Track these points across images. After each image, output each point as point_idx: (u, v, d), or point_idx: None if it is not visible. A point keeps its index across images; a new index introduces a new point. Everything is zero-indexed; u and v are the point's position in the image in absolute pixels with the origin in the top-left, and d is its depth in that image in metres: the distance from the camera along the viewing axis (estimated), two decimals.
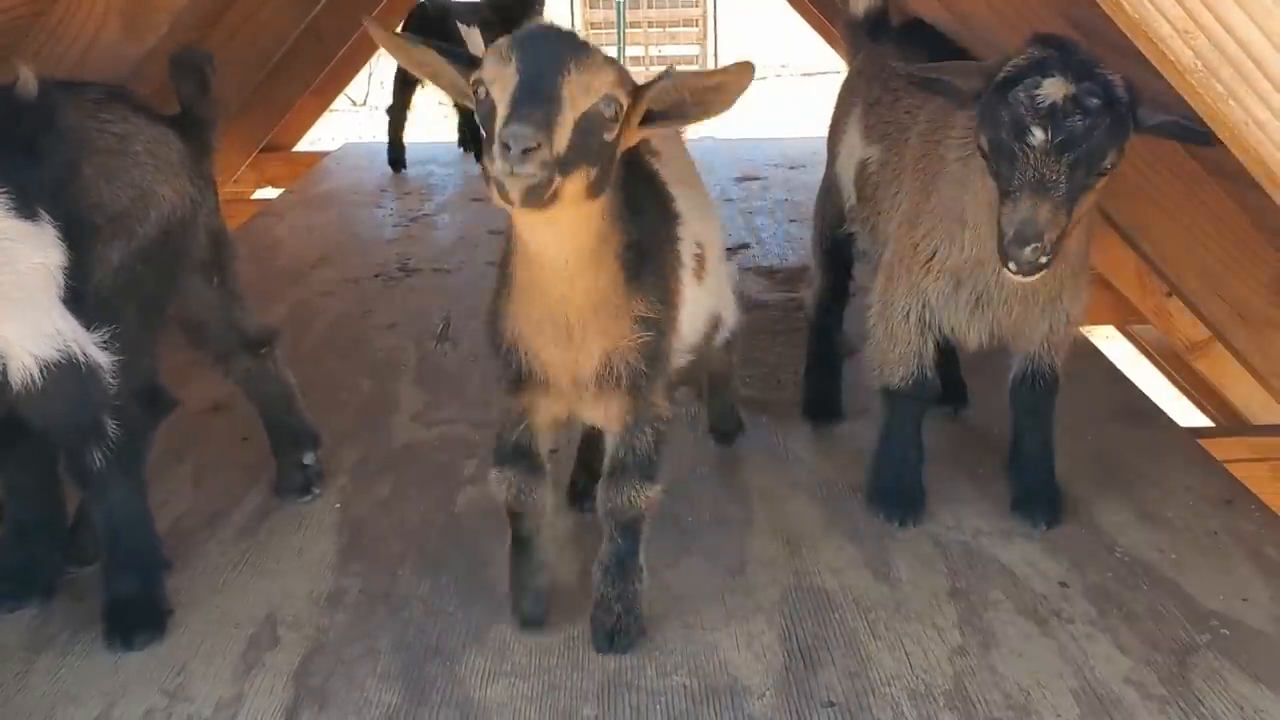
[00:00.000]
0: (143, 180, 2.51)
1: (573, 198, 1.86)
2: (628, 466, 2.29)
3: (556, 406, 2.29)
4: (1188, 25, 1.60)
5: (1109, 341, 6.26)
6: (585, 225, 1.99)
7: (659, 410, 2.29)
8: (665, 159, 2.48)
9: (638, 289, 2.14)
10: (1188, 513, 2.96)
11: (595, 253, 2.04)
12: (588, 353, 2.14)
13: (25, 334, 2.18)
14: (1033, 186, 2.29)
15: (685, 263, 2.36)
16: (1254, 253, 3.58)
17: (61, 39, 3.10)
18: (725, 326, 2.80)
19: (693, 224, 2.42)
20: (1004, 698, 2.25)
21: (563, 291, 2.07)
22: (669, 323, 2.24)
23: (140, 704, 2.25)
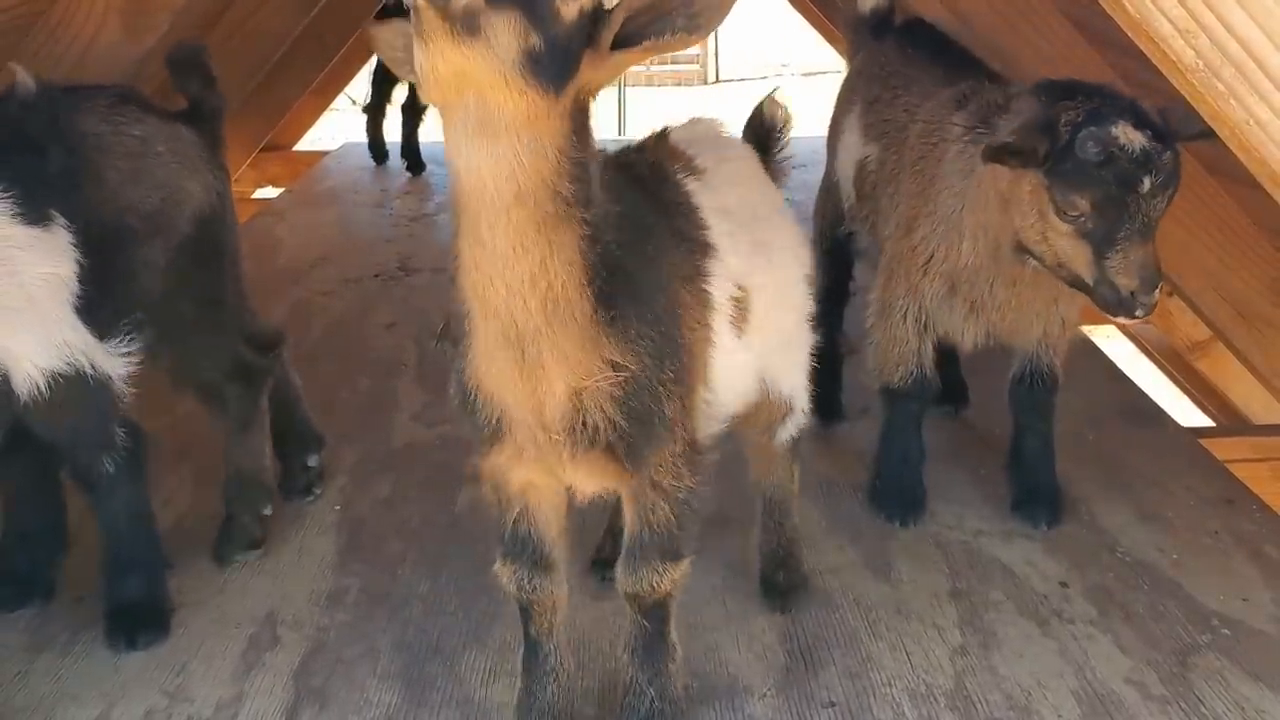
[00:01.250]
0: (169, 179, 2.51)
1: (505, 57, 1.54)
2: (645, 545, 2.01)
3: (539, 473, 1.95)
4: (1189, 25, 1.60)
5: (1110, 341, 6.26)
6: (527, 144, 1.60)
7: (670, 484, 1.96)
8: (714, 181, 2.15)
9: (613, 324, 1.76)
10: (1188, 513, 2.96)
11: (540, 209, 1.64)
12: (548, 384, 1.76)
13: (29, 345, 2.16)
14: (1141, 232, 2.33)
15: (715, 305, 2.02)
16: (1255, 252, 3.58)
17: (61, 39, 3.10)
18: (792, 417, 2.40)
19: (733, 261, 2.06)
20: (1005, 698, 2.25)
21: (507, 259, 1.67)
22: (667, 376, 1.85)
23: (140, 704, 2.25)
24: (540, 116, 1.59)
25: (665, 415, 1.86)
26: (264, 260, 5.22)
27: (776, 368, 2.29)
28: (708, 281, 2.01)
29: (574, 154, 1.65)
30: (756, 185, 2.31)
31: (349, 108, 10.29)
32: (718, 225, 2.07)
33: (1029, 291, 2.68)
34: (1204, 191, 3.58)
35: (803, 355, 2.38)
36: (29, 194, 2.16)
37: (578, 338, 1.73)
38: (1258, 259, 3.60)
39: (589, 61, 1.62)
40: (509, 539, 2.05)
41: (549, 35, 1.56)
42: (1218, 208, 3.58)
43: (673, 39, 1.61)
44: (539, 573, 2.04)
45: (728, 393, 2.10)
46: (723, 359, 2.03)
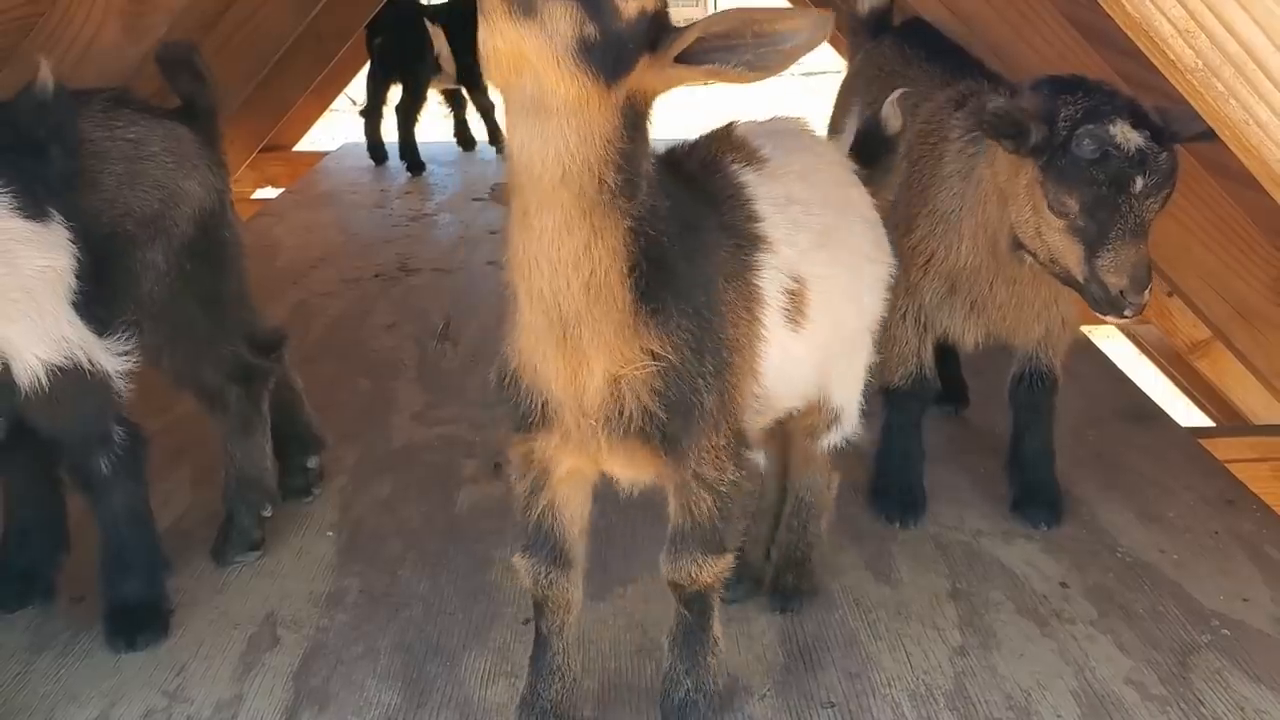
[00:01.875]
0: (167, 180, 2.51)
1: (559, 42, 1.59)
2: (687, 536, 2.01)
3: (574, 458, 1.95)
4: (1189, 25, 1.60)
5: (1110, 341, 6.26)
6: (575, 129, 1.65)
7: (714, 476, 1.96)
8: (778, 171, 2.14)
9: (654, 317, 1.79)
10: (1189, 513, 2.96)
11: (586, 196, 1.69)
12: (587, 369, 1.79)
13: (29, 336, 2.17)
14: (1133, 231, 2.32)
15: (765, 299, 2.01)
16: (1255, 252, 3.58)
17: (61, 40, 3.10)
18: (838, 427, 2.39)
19: (788, 253, 2.05)
20: (1004, 698, 2.25)
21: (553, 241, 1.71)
22: (707, 369, 1.87)
23: (140, 704, 2.24)
24: (590, 104, 1.64)
25: (705, 407, 1.87)
26: (263, 261, 5.21)
27: (833, 372, 2.28)
28: (756, 275, 2.00)
29: (623, 146, 1.69)
30: (833, 181, 2.27)
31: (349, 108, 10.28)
32: (774, 216, 2.07)
33: (1029, 291, 2.68)
34: (1204, 191, 3.58)
35: (860, 367, 2.37)
36: (29, 190, 2.18)
37: (618, 325, 1.77)
38: (1258, 259, 3.60)
39: (648, 65, 1.67)
40: (531, 531, 2.05)
41: (605, 27, 1.60)
42: (1218, 208, 3.58)
43: (733, 71, 1.66)
44: (557, 568, 2.04)
45: (783, 385, 2.10)
46: (776, 352, 2.03)
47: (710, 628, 2.11)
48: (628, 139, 1.69)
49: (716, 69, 1.67)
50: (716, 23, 1.65)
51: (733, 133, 2.19)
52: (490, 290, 4.90)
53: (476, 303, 4.71)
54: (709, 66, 1.67)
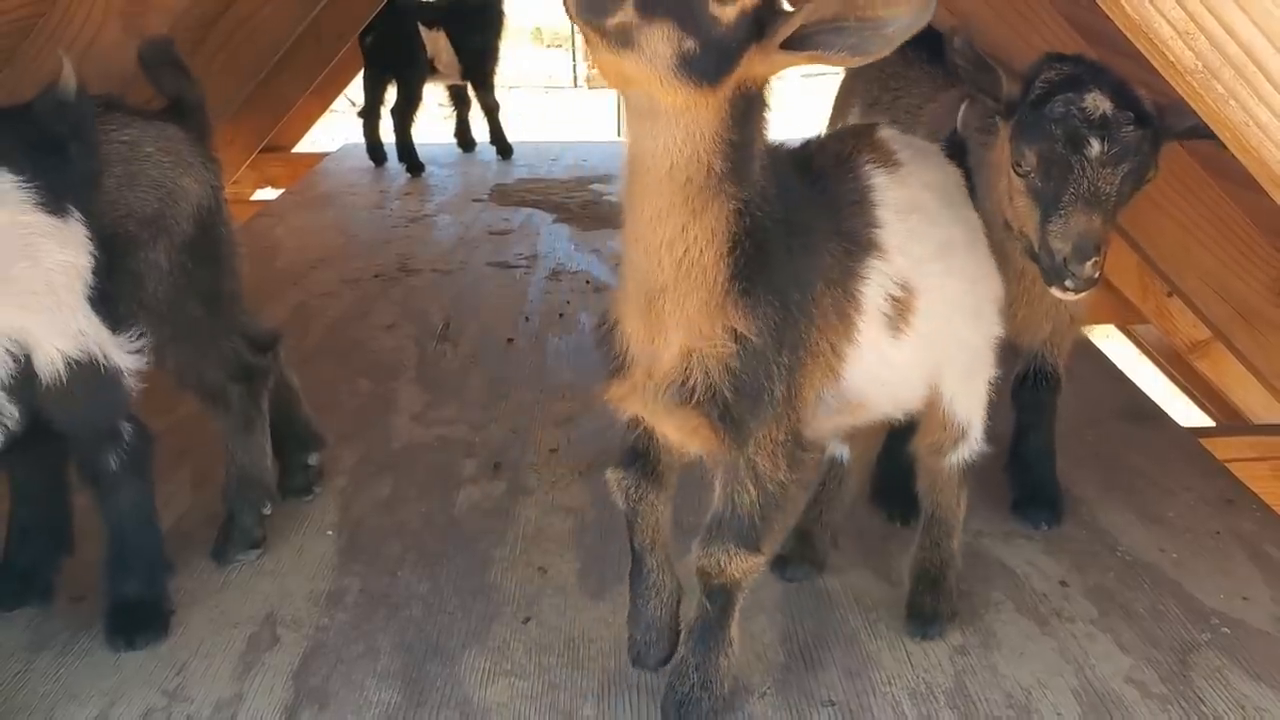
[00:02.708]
0: (163, 179, 2.52)
1: (660, 62, 1.63)
2: (723, 524, 2.02)
3: (639, 409, 2.01)
4: (1188, 27, 1.60)
5: (1109, 341, 6.26)
6: (683, 129, 1.71)
7: (766, 468, 1.98)
8: (909, 178, 2.16)
9: (743, 297, 1.84)
10: (1188, 512, 2.96)
11: (691, 184, 1.75)
12: (665, 337, 1.87)
13: (50, 328, 2.21)
14: (1087, 200, 2.28)
15: (865, 305, 2.03)
16: (1254, 253, 3.58)
17: (61, 41, 3.10)
18: (965, 443, 2.38)
19: (901, 261, 2.07)
20: (1005, 697, 2.25)
21: (653, 222, 1.79)
22: (784, 359, 1.91)
23: (140, 704, 2.25)
24: (697, 106, 1.70)
25: (775, 395, 1.91)
26: (263, 262, 5.22)
27: (955, 386, 2.29)
28: (861, 281, 2.03)
29: (731, 136, 1.74)
30: (959, 198, 2.31)
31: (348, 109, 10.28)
32: (895, 222, 2.09)
33: (1038, 287, 2.67)
34: (1203, 193, 3.58)
35: (984, 383, 2.36)
36: (51, 186, 2.22)
37: (704, 302, 1.83)
38: (1257, 259, 3.60)
39: (755, 54, 1.69)
40: (624, 447, 2.11)
41: (705, 38, 1.64)
42: (1217, 209, 3.58)
43: (836, 55, 1.68)
44: (647, 482, 2.10)
45: (878, 389, 2.13)
46: (872, 356, 2.06)
47: (728, 626, 2.10)
48: (736, 128, 1.75)
49: (820, 54, 1.69)
50: (820, 8, 1.67)
51: (875, 132, 2.22)
52: (490, 291, 4.90)
53: (476, 304, 4.71)
54: (813, 52, 1.69)
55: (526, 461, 3.27)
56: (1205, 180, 3.56)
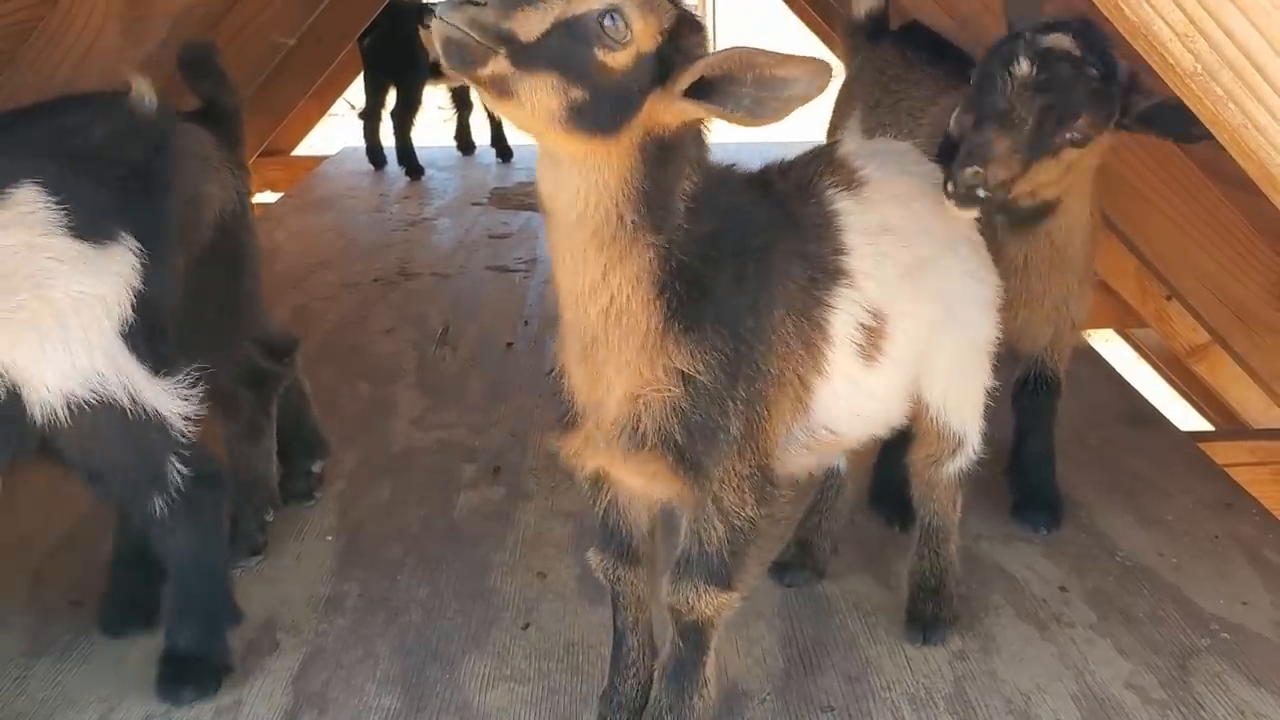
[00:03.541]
0: (187, 184, 2.44)
1: (545, 114, 1.56)
2: (692, 561, 1.94)
3: (596, 461, 1.94)
4: (1187, 29, 1.59)
5: (1108, 345, 6.26)
6: (587, 178, 1.65)
7: (732, 504, 1.90)
8: (876, 197, 2.07)
9: (685, 335, 1.76)
10: (1188, 517, 2.96)
11: (602, 234, 1.68)
12: (607, 385, 1.80)
13: (47, 366, 1.99)
14: (1000, 117, 2.22)
15: (834, 335, 1.96)
16: (1254, 256, 3.58)
17: (60, 44, 3.10)
18: (962, 452, 2.34)
19: (871, 288, 1.99)
20: (1004, 702, 2.25)
21: (572, 269, 1.73)
22: (739, 394, 1.83)
23: (139, 709, 2.24)
24: (598, 154, 1.63)
25: (731, 432, 1.83)
26: (263, 265, 5.21)
27: (943, 395, 2.23)
28: (828, 311, 1.95)
29: (643, 184, 1.67)
30: (934, 204, 2.18)
31: (348, 113, 10.28)
32: (863, 247, 2.01)
33: (1037, 284, 2.67)
34: (1202, 196, 3.57)
35: (979, 390, 2.31)
36: (94, 209, 2.04)
37: (640, 347, 1.76)
38: (1256, 263, 3.59)
39: (657, 100, 1.63)
40: (599, 528, 2.06)
41: (594, 87, 1.57)
42: (1216, 212, 3.58)
43: (734, 113, 1.63)
44: (624, 564, 2.04)
45: (853, 419, 2.07)
46: (844, 387, 1.99)
47: (702, 665, 2.01)
48: (650, 176, 1.67)
49: (718, 110, 1.64)
50: (719, 61, 1.62)
51: (835, 152, 2.13)
52: (489, 295, 4.90)
53: (475, 307, 4.71)
54: (710, 106, 1.64)
55: (526, 466, 3.26)
56: (1204, 183, 3.56)
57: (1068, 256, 2.64)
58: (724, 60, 1.62)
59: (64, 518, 2.92)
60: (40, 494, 2.91)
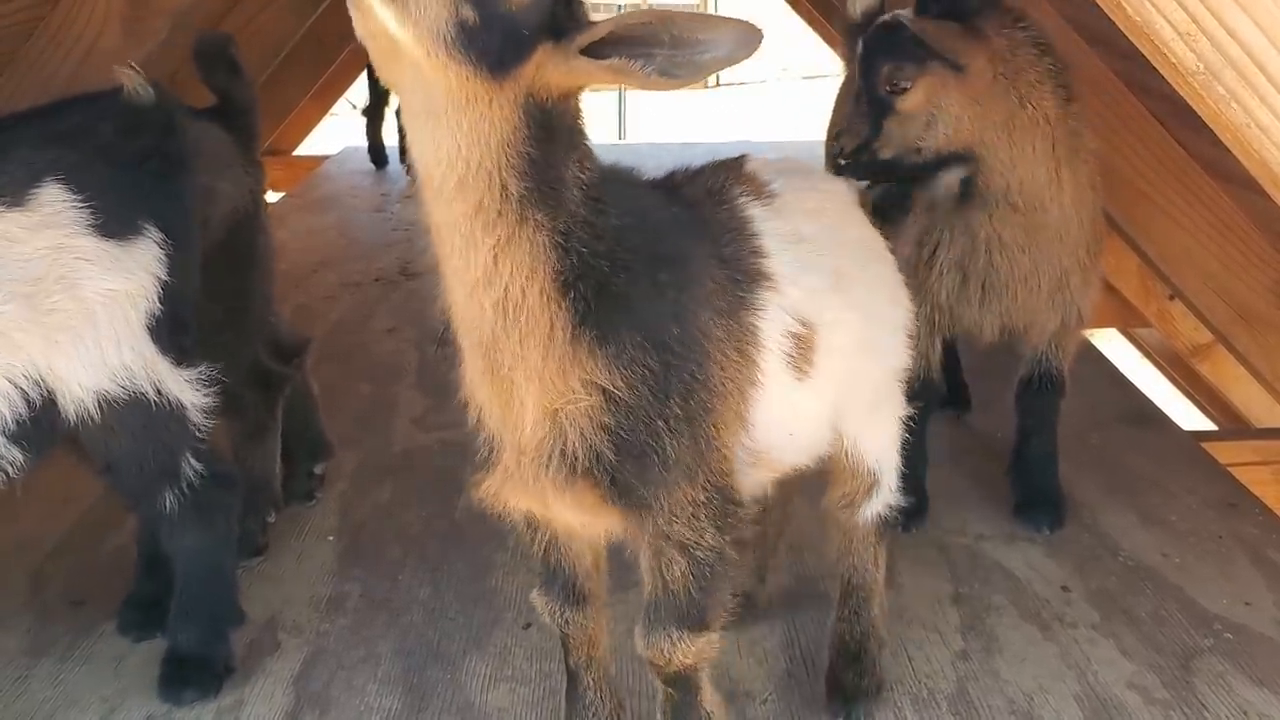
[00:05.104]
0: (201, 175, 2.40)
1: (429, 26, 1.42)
2: (659, 606, 1.78)
3: (523, 500, 1.76)
4: (1190, 28, 1.59)
5: (1111, 344, 6.25)
6: (466, 130, 1.49)
7: (688, 537, 1.72)
8: (787, 209, 1.93)
9: (600, 346, 1.60)
10: (1191, 516, 2.95)
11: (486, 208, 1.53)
12: (519, 399, 1.62)
13: (79, 366, 2.01)
14: (855, 95, 2.56)
15: (764, 341, 1.79)
16: (1256, 256, 3.57)
17: (61, 44, 3.10)
18: (878, 492, 2.13)
19: (794, 294, 1.83)
20: (1007, 702, 2.25)
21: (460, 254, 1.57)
22: (673, 412, 1.65)
23: (140, 710, 2.24)
24: (478, 99, 1.47)
25: (666, 453, 1.65)
26: None
27: (858, 426, 2.05)
28: (755, 314, 1.79)
29: (527, 150, 1.52)
30: (847, 221, 2.08)
31: (349, 112, 10.29)
32: (781, 253, 1.86)
33: (1023, 258, 2.67)
34: (1205, 194, 3.57)
35: (893, 421, 2.12)
36: (119, 205, 2.05)
37: (546, 353, 1.59)
38: (1259, 262, 3.59)
39: (549, 56, 1.49)
40: (541, 568, 1.94)
41: (487, 9, 1.43)
42: (1219, 211, 3.57)
43: (641, 74, 1.49)
44: (571, 605, 1.92)
45: (785, 439, 1.89)
46: (777, 402, 1.81)
47: (699, 704, 1.88)
48: (534, 142, 1.52)
49: (621, 66, 1.49)
50: (633, 18, 1.48)
51: (744, 165, 2.02)
52: None
53: None
54: (613, 62, 1.49)
55: None
56: (1207, 182, 3.55)
57: (1045, 224, 2.63)
58: (639, 18, 1.48)
59: (65, 518, 2.93)
60: (41, 494, 2.91)
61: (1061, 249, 2.68)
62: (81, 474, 2.36)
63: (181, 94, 2.76)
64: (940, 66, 2.46)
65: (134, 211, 2.09)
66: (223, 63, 2.69)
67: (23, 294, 1.96)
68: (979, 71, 2.48)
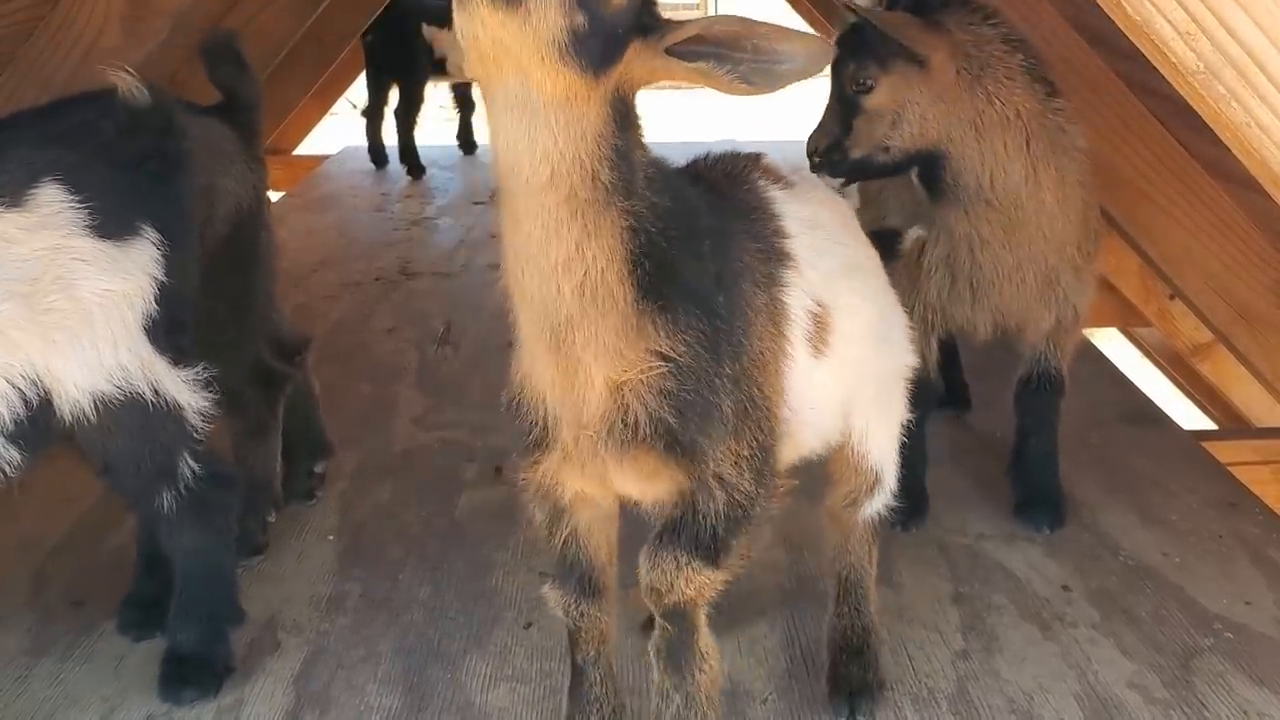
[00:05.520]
0: (203, 178, 2.41)
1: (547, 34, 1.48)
2: (679, 531, 1.79)
3: (579, 481, 1.82)
4: (1190, 27, 1.59)
5: (1111, 344, 6.25)
6: (564, 126, 1.54)
7: (733, 478, 1.77)
8: (805, 196, 2.02)
9: (660, 314, 1.67)
10: (1191, 516, 2.95)
11: (577, 197, 1.58)
12: (586, 376, 1.67)
13: (76, 367, 2.01)
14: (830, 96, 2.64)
15: (790, 316, 1.87)
16: (1257, 255, 3.58)
17: (62, 44, 3.10)
18: (879, 491, 2.19)
19: (813, 275, 1.92)
20: (1007, 702, 2.25)
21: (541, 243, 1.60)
22: (725, 372, 1.73)
23: (141, 709, 2.24)
24: (580, 98, 1.54)
25: (724, 409, 1.73)
26: None
27: (865, 420, 2.10)
28: (781, 290, 1.86)
29: (614, 141, 1.59)
30: (849, 223, 2.15)
31: (349, 112, 10.29)
32: (801, 236, 1.94)
33: (1005, 255, 2.66)
34: (1205, 194, 3.57)
35: (896, 422, 2.19)
36: (116, 205, 2.05)
37: (619, 326, 1.64)
38: (1259, 261, 3.59)
39: (638, 53, 1.57)
40: (557, 562, 1.94)
41: (595, 14, 1.50)
42: (1219, 210, 3.58)
43: (724, 78, 1.58)
44: (586, 598, 1.93)
45: (807, 414, 1.93)
46: (802, 376, 1.88)
47: (696, 640, 1.89)
48: (619, 132, 1.60)
49: (708, 70, 1.58)
50: (720, 24, 1.57)
51: (761, 159, 2.09)
52: (491, 294, 4.88)
53: (477, 307, 4.70)
54: (701, 64, 1.58)
55: None
56: (1207, 181, 3.56)
57: (1024, 221, 2.61)
58: (726, 24, 1.56)
59: (65, 518, 2.93)
60: (41, 494, 2.91)
61: (1046, 245, 2.66)
62: (82, 474, 2.37)
63: (182, 93, 2.77)
64: (904, 64, 2.48)
65: (131, 212, 2.09)
66: (229, 58, 2.68)
67: (21, 294, 1.97)
68: (940, 66, 2.49)
